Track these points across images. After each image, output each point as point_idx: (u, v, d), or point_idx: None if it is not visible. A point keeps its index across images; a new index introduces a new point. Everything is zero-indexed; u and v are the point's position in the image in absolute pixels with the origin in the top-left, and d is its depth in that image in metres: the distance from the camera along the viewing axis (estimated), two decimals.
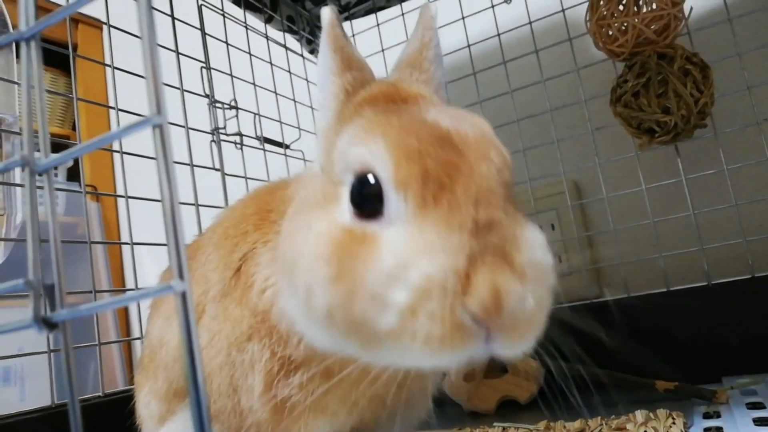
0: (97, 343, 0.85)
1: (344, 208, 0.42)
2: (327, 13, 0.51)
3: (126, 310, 1.97)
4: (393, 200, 0.40)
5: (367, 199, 0.41)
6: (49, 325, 0.26)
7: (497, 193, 0.40)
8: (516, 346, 0.38)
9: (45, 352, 0.77)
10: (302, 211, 0.47)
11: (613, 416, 0.79)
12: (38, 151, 0.28)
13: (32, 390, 1.67)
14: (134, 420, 0.66)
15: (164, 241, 0.24)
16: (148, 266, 1.88)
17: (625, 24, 0.95)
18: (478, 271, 0.36)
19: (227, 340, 0.51)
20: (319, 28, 1.37)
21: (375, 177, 0.41)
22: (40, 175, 0.28)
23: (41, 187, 0.29)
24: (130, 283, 1.98)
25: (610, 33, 0.97)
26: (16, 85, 0.89)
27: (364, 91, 0.49)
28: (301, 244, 0.43)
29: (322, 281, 0.40)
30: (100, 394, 0.82)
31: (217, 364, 0.51)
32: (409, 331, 0.37)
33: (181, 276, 0.25)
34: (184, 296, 0.25)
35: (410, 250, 0.38)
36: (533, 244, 0.40)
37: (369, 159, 0.41)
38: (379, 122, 0.43)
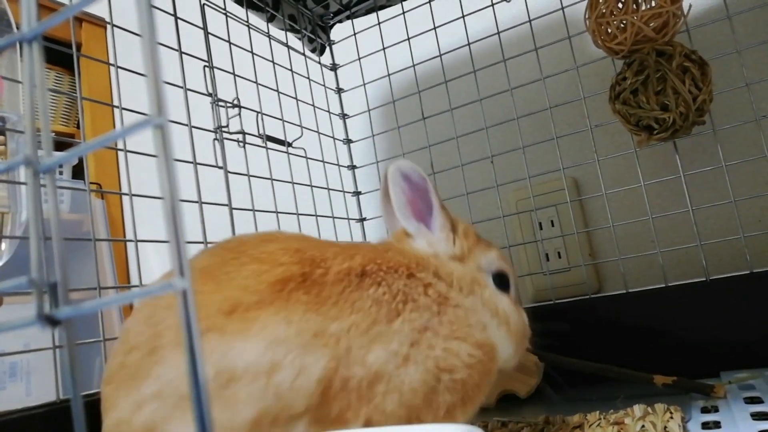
0: (101, 339, 0.85)
1: (493, 287, 0.70)
2: None
3: (131, 307, 1.98)
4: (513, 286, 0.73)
5: (503, 283, 0.71)
6: (52, 322, 0.26)
7: None
8: None
9: (49, 348, 0.78)
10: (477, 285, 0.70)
11: (612, 410, 0.79)
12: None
13: (38, 385, 1.69)
14: None
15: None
16: (153, 263, 1.90)
17: (624, 22, 0.96)
18: None
19: None
20: (321, 27, 1.38)
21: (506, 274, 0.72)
22: (43, 174, 0.29)
23: (45, 185, 0.29)
24: (135, 280, 1.99)
25: (609, 31, 0.98)
26: (20, 84, 0.90)
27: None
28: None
29: None
30: None
31: None
32: None
33: (182, 273, 0.25)
34: (185, 294, 0.25)
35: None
36: None
37: (504, 267, 0.72)
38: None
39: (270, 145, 1.11)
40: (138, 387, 0.50)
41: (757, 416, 0.68)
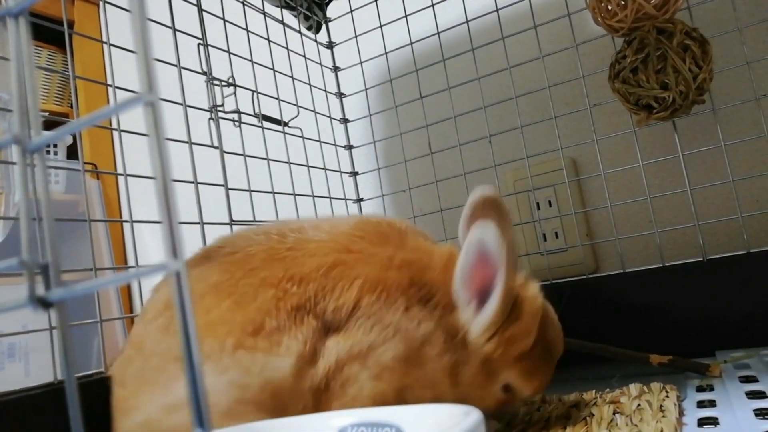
0: (98, 320, 0.85)
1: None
2: None
3: (128, 288, 1.99)
4: None
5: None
6: (44, 304, 0.26)
7: None
8: None
9: (46, 330, 0.78)
10: None
11: (608, 389, 0.80)
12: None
13: (37, 365, 1.70)
14: None
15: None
16: (149, 243, 1.90)
17: None
18: None
19: None
20: (317, 4, 1.36)
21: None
22: (32, 153, 0.28)
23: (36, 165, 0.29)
24: (132, 261, 1.99)
25: (610, 8, 0.96)
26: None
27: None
28: None
29: None
30: (102, 370, 0.83)
31: None
32: None
33: (175, 254, 0.25)
34: (179, 276, 0.25)
35: None
36: None
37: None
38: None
39: (266, 124, 1.10)
40: (167, 390, 0.54)
41: (753, 395, 0.69)
